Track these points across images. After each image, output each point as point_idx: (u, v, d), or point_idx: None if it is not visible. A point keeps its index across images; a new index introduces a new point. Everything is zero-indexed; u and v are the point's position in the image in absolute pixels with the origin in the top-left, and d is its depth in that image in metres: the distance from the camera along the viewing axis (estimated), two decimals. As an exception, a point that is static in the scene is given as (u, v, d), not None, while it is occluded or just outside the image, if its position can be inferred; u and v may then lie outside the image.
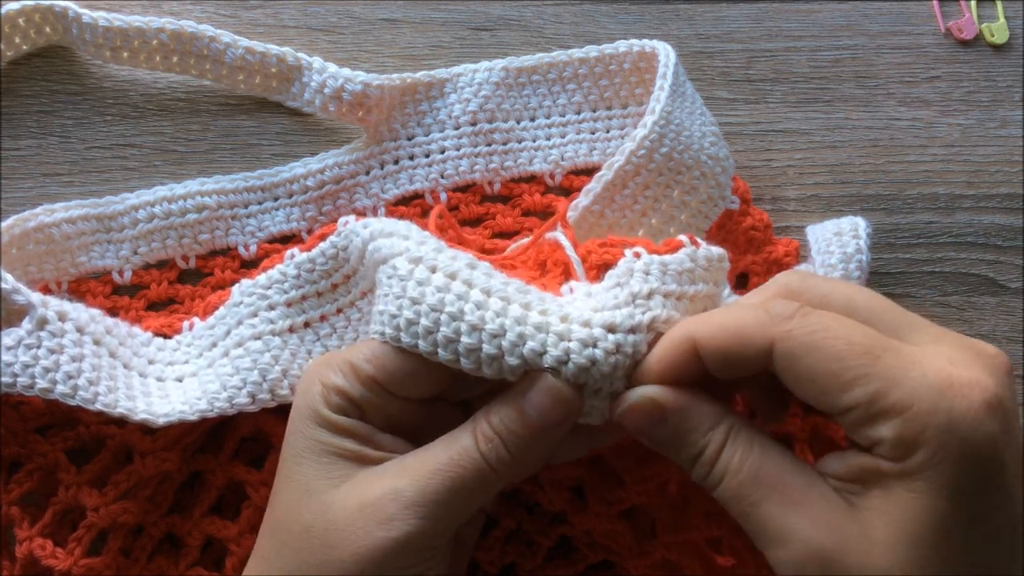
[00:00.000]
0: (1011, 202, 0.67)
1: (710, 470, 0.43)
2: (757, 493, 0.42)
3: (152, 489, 0.56)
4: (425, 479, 0.44)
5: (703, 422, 0.44)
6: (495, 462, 0.45)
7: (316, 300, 0.55)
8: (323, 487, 0.46)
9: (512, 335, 0.45)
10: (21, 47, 0.64)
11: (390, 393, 0.47)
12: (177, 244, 0.62)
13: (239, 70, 0.64)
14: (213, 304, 0.58)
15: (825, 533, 0.40)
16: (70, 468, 0.55)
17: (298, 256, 0.55)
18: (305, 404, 0.48)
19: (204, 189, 0.62)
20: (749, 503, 0.42)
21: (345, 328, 0.55)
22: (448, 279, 0.46)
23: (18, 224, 0.59)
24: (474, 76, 0.65)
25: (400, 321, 0.46)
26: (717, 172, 0.60)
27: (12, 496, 0.55)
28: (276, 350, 0.54)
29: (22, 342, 0.52)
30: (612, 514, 0.55)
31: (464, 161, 0.64)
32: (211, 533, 0.56)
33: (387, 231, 0.50)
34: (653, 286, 0.47)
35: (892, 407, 0.39)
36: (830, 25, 0.70)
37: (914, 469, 0.39)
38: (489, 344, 0.45)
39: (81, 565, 0.54)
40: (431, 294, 0.46)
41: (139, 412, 0.52)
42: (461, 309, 0.45)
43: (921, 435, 0.38)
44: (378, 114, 0.64)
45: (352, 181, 0.64)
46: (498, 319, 0.45)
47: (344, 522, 0.44)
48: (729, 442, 0.43)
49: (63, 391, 0.51)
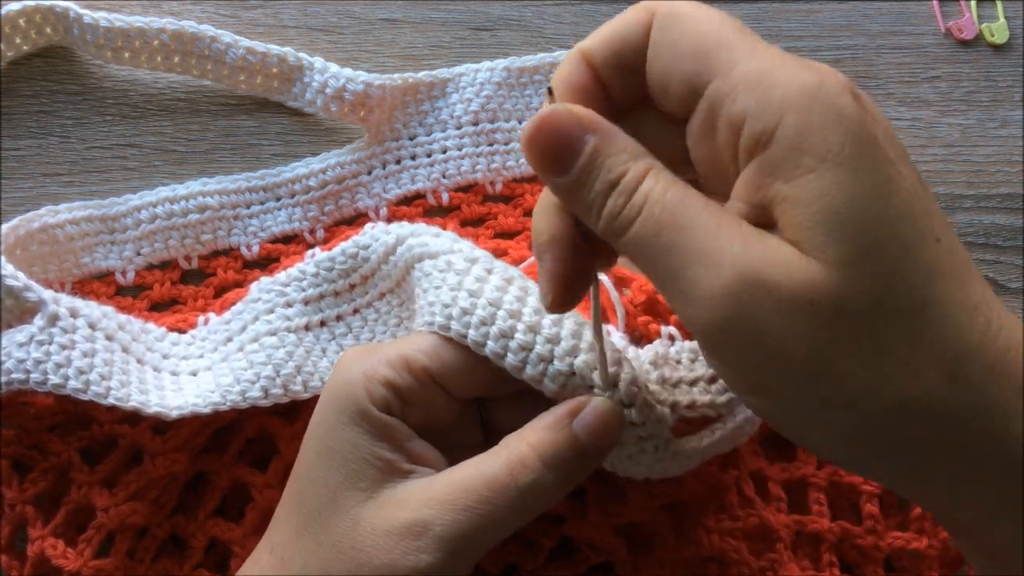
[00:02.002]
0: (1011, 202, 0.67)
1: (627, 200, 0.38)
2: (684, 218, 0.37)
3: (159, 490, 0.56)
4: (453, 514, 0.43)
5: (626, 148, 0.39)
6: (532, 494, 0.44)
7: (334, 299, 0.55)
8: (351, 500, 0.45)
9: (567, 344, 0.45)
10: (22, 47, 0.64)
11: (439, 387, 0.47)
12: (180, 244, 0.62)
13: (240, 70, 0.64)
14: (231, 300, 0.58)
15: (754, 253, 0.36)
16: (83, 468, 0.55)
17: (319, 255, 0.55)
18: (343, 395, 0.46)
19: (206, 189, 0.62)
20: (675, 229, 0.37)
21: (361, 328, 0.55)
22: (505, 282, 0.47)
23: (23, 225, 0.59)
24: (476, 76, 0.65)
25: (454, 310, 0.46)
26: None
27: (27, 495, 0.55)
28: (291, 347, 0.54)
29: (34, 338, 0.52)
30: (609, 526, 0.54)
31: (466, 161, 0.65)
32: (215, 535, 0.56)
33: (418, 232, 0.51)
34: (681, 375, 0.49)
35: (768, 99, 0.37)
36: (830, 25, 0.70)
37: (809, 160, 0.36)
38: (542, 346, 0.45)
39: (91, 566, 0.54)
40: (490, 291, 0.46)
41: (152, 405, 0.52)
42: (520, 310, 0.46)
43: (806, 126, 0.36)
44: (380, 114, 0.64)
45: (354, 181, 0.64)
46: (554, 327, 0.46)
47: (371, 545, 0.44)
48: (653, 172, 0.39)
49: (75, 386, 0.51)
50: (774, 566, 0.54)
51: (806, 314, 0.35)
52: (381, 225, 0.54)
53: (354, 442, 0.45)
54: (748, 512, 0.55)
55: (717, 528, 0.54)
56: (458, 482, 0.45)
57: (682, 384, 0.49)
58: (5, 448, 0.55)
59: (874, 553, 0.56)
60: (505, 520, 0.44)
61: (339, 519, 0.45)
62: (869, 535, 0.56)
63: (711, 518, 0.53)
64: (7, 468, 0.55)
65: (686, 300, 0.37)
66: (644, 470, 0.49)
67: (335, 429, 0.46)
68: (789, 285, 0.35)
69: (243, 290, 0.58)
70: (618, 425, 0.45)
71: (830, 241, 0.35)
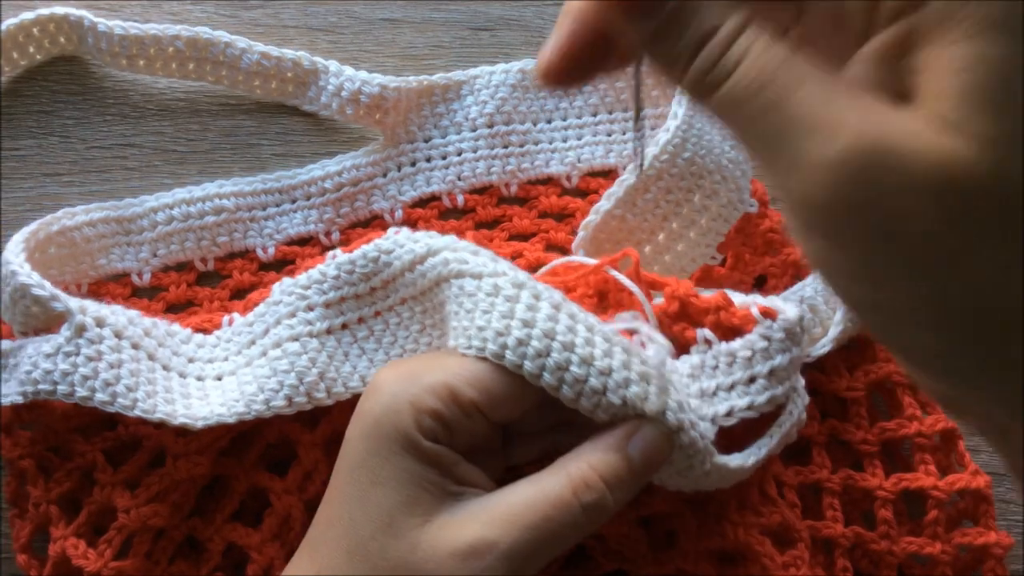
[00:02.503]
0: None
1: (723, 52, 0.34)
2: (791, 75, 0.33)
3: (179, 492, 0.56)
4: (518, 532, 0.44)
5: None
6: (594, 512, 0.45)
7: (355, 302, 0.55)
8: (408, 524, 0.45)
9: (619, 376, 0.46)
10: (35, 57, 0.64)
11: (483, 416, 0.47)
12: (196, 246, 0.62)
13: (255, 75, 0.64)
14: (254, 300, 0.58)
15: (879, 120, 0.31)
16: (107, 469, 0.55)
17: (339, 256, 0.55)
18: (391, 425, 0.46)
19: (222, 191, 0.63)
20: (780, 87, 0.32)
21: (383, 332, 0.55)
22: (555, 310, 0.47)
23: (42, 228, 0.59)
24: (491, 78, 0.65)
25: (509, 340, 0.46)
26: (737, 176, 0.60)
27: (52, 495, 0.56)
28: (313, 352, 0.54)
29: (61, 350, 0.52)
30: (631, 518, 0.55)
31: (481, 163, 0.64)
32: (233, 540, 0.56)
33: (455, 247, 0.51)
34: (718, 381, 0.50)
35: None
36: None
37: (969, 26, 0.31)
38: (596, 379, 0.46)
39: (111, 567, 0.54)
40: (542, 320, 0.47)
41: (178, 416, 0.52)
42: (572, 341, 0.46)
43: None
44: (395, 116, 0.64)
45: (369, 183, 0.64)
46: (606, 359, 0.46)
47: (434, 567, 0.44)
48: (755, 25, 0.34)
49: (102, 399, 0.52)
50: (797, 563, 0.54)
51: (941, 194, 0.30)
52: (406, 231, 0.54)
53: (407, 468, 0.46)
54: (771, 510, 0.55)
55: (742, 522, 0.54)
56: (520, 502, 0.45)
57: (719, 392, 0.50)
58: (31, 448, 0.56)
59: (888, 559, 0.56)
60: (566, 537, 0.45)
61: (398, 543, 0.45)
62: (883, 540, 0.57)
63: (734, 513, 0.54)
64: (33, 468, 0.56)
65: (788, 169, 0.32)
66: (692, 484, 0.50)
67: (386, 458, 0.46)
68: (923, 159, 0.30)
69: (266, 290, 0.58)
70: (668, 447, 0.47)
71: (982, 115, 0.30)
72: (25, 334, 0.55)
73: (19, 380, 0.53)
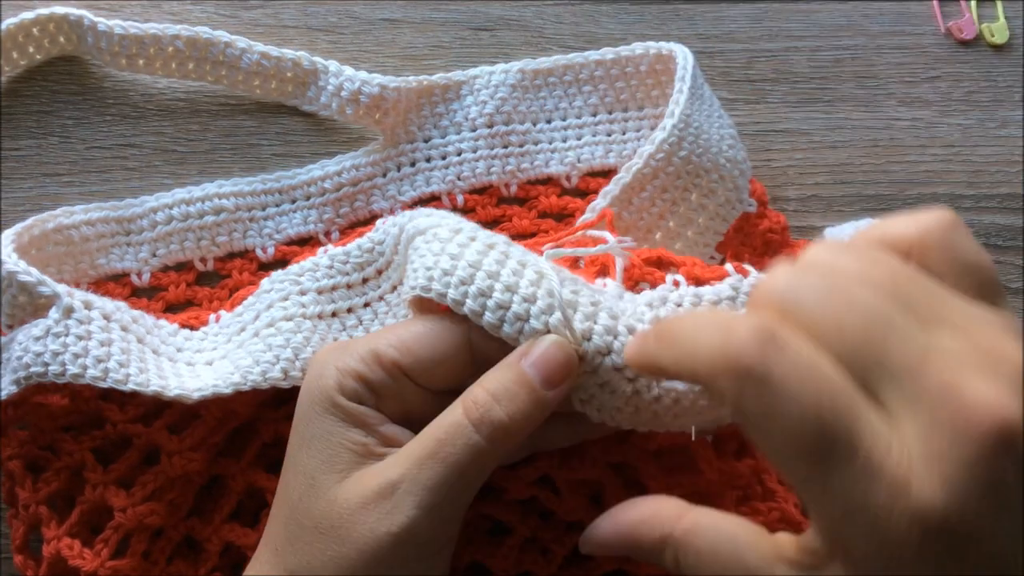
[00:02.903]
0: (1011, 202, 0.68)
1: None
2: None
3: (176, 491, 0.56)
4: (417, 467, 0.44)
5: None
6: (487, 428, 0.44)
7: (346, 292, 0.55)
8: (328, 481, 0.46)
9: (542, 303, 0.45)
10: (35, 57, 0.64)
11: (410, 380, 0.47)
12: (195, 246, 0.62)
13: (255, 75, 0.64)
14: (241, 296, 0.58)
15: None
16: (96, 468, 0.55)
17: (332, 249, 0.55)
18: (316, 389, 0.47)
19: (222, 191, 0.63)
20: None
21: (372, 320, 0.55)
22: (487, 247, 0.47)
23: (37, 225, 0.59)
24: (490, 78, 0.66)
25: (435, 272, 0.47)
26: (735, 175, 0.61)
27: (40, 495, 0.55)
28: (307, 332, 0.54)
29: (50, 331, 0.52)
30: None
31: (480, 163, 0.65)
32: (231, 540, 0.56)
33: (415, 216, 0.51)
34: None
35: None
36: (830, 25, 0.71)
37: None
38: (519, 305, 0.45)
39: (108, 567, 0.54)
40: (471, 253, 0.47)
41: (172, 389, 0.52)
42: (498, 271, 0.46)
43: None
44: (395, 116, 0.64)
45: (369, 183, 0.64)
46: (531, 287, 0.46)
47: (348, 518, 0.44)
48: None
49: (94, 374, 0.51)
50: None
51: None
52: (390, 219, 0.54)
53: (328, 429, 0.46)
54: (770, 505, 0.55)
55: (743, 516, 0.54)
56: (420, 438, 0.45)
57: None
58: (19, 449, 0.55)
59: None
60: (469, 464, 0.44)
61: (317, 502, 0.45)
62: None
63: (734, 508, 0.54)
64: (20, 469, 0.55)
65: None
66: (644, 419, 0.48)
67: (311, 420, 0.47)
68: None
69: (253, 287, 0.58)
70: (566, 359, 0.44)
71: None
72: (12, 327, 0.55)
73: (12, 368, 0.52)
